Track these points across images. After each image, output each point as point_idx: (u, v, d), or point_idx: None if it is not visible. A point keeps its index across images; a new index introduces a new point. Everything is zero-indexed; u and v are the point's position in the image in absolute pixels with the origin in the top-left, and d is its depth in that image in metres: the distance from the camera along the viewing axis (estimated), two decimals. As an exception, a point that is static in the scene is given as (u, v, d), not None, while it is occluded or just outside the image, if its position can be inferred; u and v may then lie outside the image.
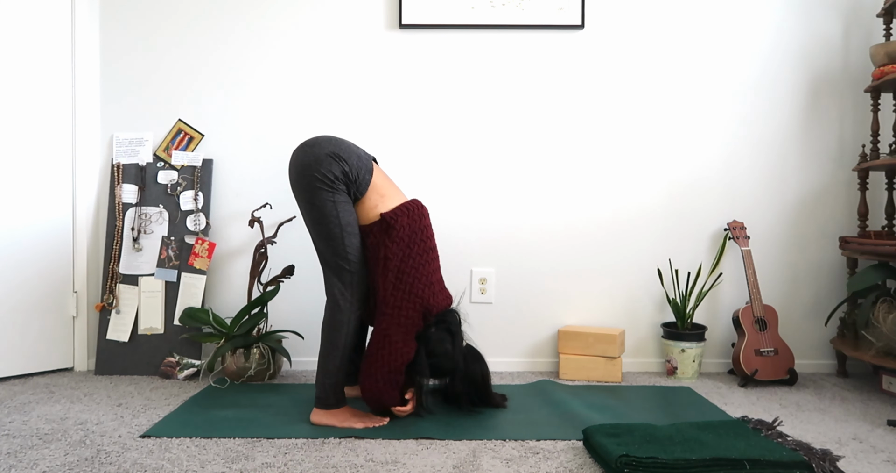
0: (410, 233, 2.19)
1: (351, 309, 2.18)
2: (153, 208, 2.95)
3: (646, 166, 3.00)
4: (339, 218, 2.15)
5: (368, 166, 2.22)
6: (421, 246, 2.22)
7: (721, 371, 2.97)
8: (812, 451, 1.78)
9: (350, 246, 2.17)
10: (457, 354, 2.23)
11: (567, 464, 1.85)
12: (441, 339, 2.21)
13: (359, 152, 2.23)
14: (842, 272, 2.98)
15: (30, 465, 1.83)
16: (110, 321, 2.89)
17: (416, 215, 2.22)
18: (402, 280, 2.17)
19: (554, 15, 2.94)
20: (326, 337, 2.19)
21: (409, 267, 2.18)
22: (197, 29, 2.99)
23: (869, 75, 2.96)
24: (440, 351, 2.21)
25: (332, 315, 2.19)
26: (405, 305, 2.16)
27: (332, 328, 2.18)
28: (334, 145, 2.19)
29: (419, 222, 2.23)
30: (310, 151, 2.18)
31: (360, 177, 2.18)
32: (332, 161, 2.14)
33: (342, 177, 2.15)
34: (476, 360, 2.32)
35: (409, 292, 2.17)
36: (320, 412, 2.18)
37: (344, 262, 2.17)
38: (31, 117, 2.81)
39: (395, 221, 2.17)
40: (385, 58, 2.99)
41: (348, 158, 2.17)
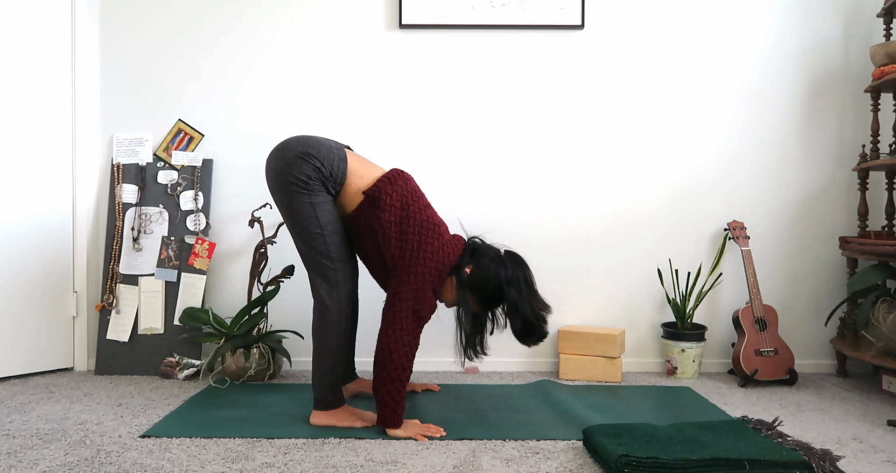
0: (400, 198, 2.16)
1: (339, 308, 2.17)
2: (153, 208, 2.95)
3: (646, 166, 3.00)
4: (317, 219, 2.14)
5: (341, 156, 2.19)
6: (416, 206, 2.18)
7: (721, 371, 2.97)
8: (812, 451, 1.78)
9: (332, 245, 2.16)
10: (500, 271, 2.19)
11: (567, 464, 1.85)
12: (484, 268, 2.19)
13: (329, 144, 2.20)
14: (842, 272, 2.98)
15: (30, 465, 1.83)
16: (110, 321, 2.89)
17: (399, 181, 2.18)
18: (408, 240, 2.13)
19: (554, 15, 2.94)
20: (318, 338, 2.18)
21: (410, 227, 2.14)
22: (197, 29, 2.99)
23: (869, 75, 2.96)
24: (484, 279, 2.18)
25: (321, 316, 2.17)
26: (416, 262, 2.11)
27: (322, 329, 2.17)
28: (302, 144, 2.16)
29: (405, 186, 2.19)
30: (280, 156, 2.17)
31: (334, 169, 2.16)
32: (303, 161, 2.12)
33: (315, 174, 2.13)
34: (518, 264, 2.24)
35: (418, 250, 2.13)
36: (319, 413, 2.18)
37: (327, 260, 2.16)
38: (32, 117, 2.81)
39: (379, 191, 2.14)
40: (385, 58, 2.99)
41: (318, 153, 2.14)
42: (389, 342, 2.06)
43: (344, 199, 2.21)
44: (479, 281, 2.19)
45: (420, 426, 2.12)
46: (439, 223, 2.22)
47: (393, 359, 2.05)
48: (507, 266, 2.20)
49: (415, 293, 2.10)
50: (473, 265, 2.20)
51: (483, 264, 2.20)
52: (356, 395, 2.48)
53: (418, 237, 2.13)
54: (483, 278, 2.19)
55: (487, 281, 2.18)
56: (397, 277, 2.12)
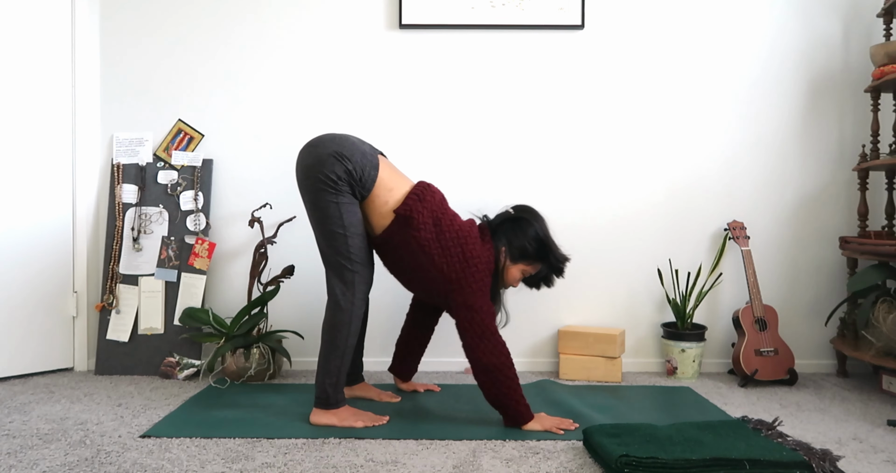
0: (431, 214, 2.18)
1: (352, 309, 2.17)
2: (153, 208, 2.95)
3: (646, 166, 3.00)
4: (342, 219, 2.14)
5: (374, 162, 2.19)
6: (446, 218, 2.20)
7: (721, 371, 2.97)
8: (812, 451, 1.78)
9: (353, 247, 2.16)
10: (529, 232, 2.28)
11: (567, 464, 1.85)
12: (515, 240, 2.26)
13: (363, 149, 2.20)
14: (842, 272, 2.98)
15: (30, 465, 1.83)
16: (110, 321, 2.89)
17: (427, 197, 2.20)
18: (451, 253, 2.15)
19: (554, 15, 2.94)
20: (327, 337, 2.18)
21: (448, 241, 2.16)
22: (197, 29, 2.99)
23: (869, 75, 2.96)
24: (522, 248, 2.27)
25: (334, 315, 2.18)
26: (470, 272, 2.14)
27: (333, 328, 2.17)
28: (338, 144, 2.16)
29: (433, 200, 2.21)
30: (313, 152, 2.17)
31: (364, 174, 2.16)
32: (335, 161, 2.13)
33: (345, 176, 2.13)
34: (532, 214, 2.34)
35: (465, 260, 2.15)
36: (320, 412, 2.17)
37: (346, 262, 2.16)
38: (32, 117, 2.81)
39: (411, 210, 2.16)
40: (385, 58, 2.99)
41: (351, 156, 2.15)
42: (489, 351, 2.09)
43: (370, 210, 2.22)
44: (524, 250, 2.27)
45: (554, 419, 2.15)
46: (469, 226, 2.25)
47: (501, 362, 2.09)
48: (530, 224, 2.29)
49: (483, 299, 2.15)
50: (505, 243, 2.27)
51: (511, 236, 2.27)
52: (357, 398, 2.48)
53: (460, 248, 2.16)
54: (522, 246, 2.27)
55: (528, 245, 2.27)
56: (459, 289, 2.15)
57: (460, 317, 2.14)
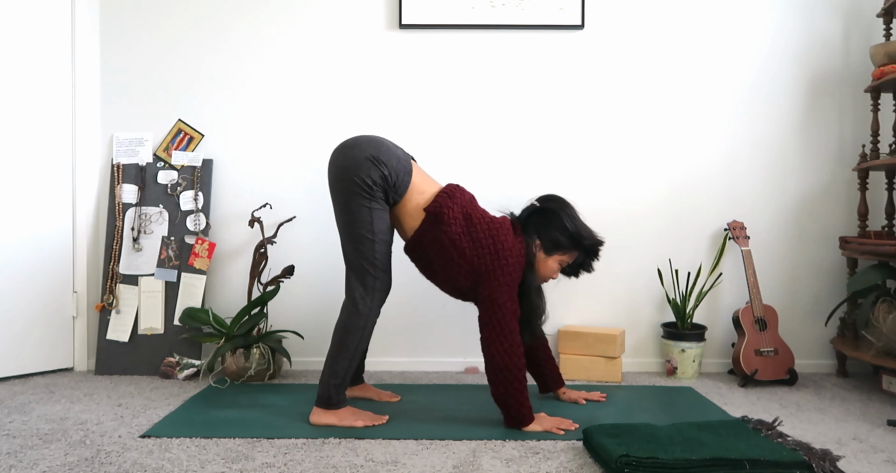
0: (461, 209, 2.18)
1: (369, 314, 2.17)
2: (153, 208, 2.95)
3: (646, 166, 3.00)
4: (372, 224, 2.14)
5: (407, 168, 2.20)
6: (476, 212, 2.21)
7: (721, 371, 2.97)
8: (812, 451, 1.78)
9: (378, 253, 2.16)
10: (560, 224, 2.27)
11: (567, 464, 1.85)
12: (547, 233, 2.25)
13: (398, 154, 2.21)
14: (842, 272, 2.98)
15: (30, 465, 1.83)
16: (110, 321, 2.89)
17: (456, 194, 2.21)
18: (482, 246, 2.15)
19: (554, 15, 2.94)
20: (339, 338, 2.18)
21: (479, 233, 2.16)
22: (197, 29, 2.99)
23: (869, 75, 2.96)
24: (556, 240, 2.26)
25: (349, 317, 2.17)
26: (500, 264, 2.14)
27: (346, 330, 2.17)
28: (374, 148, 2.16)
29: (462, 198, 2.22)
30: (349, 154, 2.16)
31: (399, 180, 2.16)
32: (372, 165, 2.12)
33: (380, 182, 2.13)
34: (560, 204, 2.33)
35: (496, 251, 2.15)
36: (321, 411, 2.17)
37: (370, 267, 2.16)
38: (32, 117, 2.81)
39: (440, 207, 2.16)
40: (385, 58, 2.99)
41: (388, 161, 2.15)
42: (503, 348, 2.09)
43: (402, 215, 2.22)
44: (556, 240, 2.26)
45: (554, 419, 2.15)
46: (502, 221, 2.24)
47: (513, 363, 2.09)
48: (559, 216, 2.27)
49: (509, 295, 2.14)
50: (537, 236, 2.26)
51: (542, 231, 2.26)
52: (357, 398, 2.47)
53: (491, 240, 2.16)
54: (555, 239, 2.26)
55: (559, 236, 2.26)
56: (486, 282, 2.14)
57: (483, 311, 2.14)
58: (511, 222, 2.28)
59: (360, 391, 2.49)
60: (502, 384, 2.09)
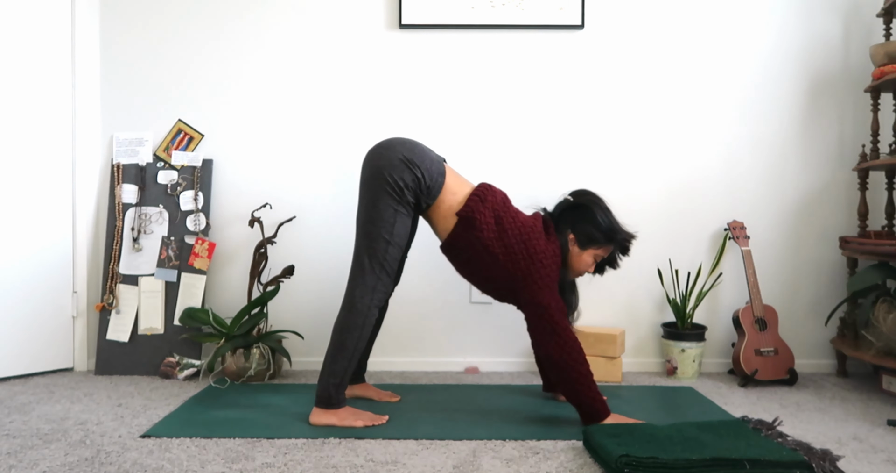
0: (492, 213, 2.18)
1: (367, 314, 2.17)
2: (153, 208, 2.95)
3: (646, 166, 3.00)
4: (393, 226, 2.15)
5: (441, 169, 2.21)
6: (508, 215, 2.19)
7: (721, 371, 2.97)
8: (812, 451, 1.78)
9: (390, 256, 2.17)
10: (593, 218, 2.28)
11: (567, 464, 1.85)
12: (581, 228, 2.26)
13: (431, 156, 2.22)
14: (842, 272, 2.98)
15: (30, 465, 1.83)
16: (110, 321, 2.89)
17: (488, 197, 2.20)
18: (515, 251, 2.15)
19: (554, 15, 2.94)
20: (337, 338, 2.17)
21: (511, 238, 2.16)
22: (197, 29, 2.99)
23: (869, 75, 2.96)
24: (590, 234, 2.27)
25: (347, 317, 2.17)
26: (535, 268, 2.14)
27: (344, 330, 2.17)
28: (408, 150, 2.18)
29: (494, 200, 2.21)
30: (384, 154, 2.18)
31: (432, 181, 2.17)
32: (405, 167, 2.14)
33: (412, 184, 2.15)
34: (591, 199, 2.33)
35: (529, 256, 2.15)
36: (320, 411, 2.17)
37: (378, 268, 2.16)
38: (32, 118, 2.81)
39: (472, 211, 2.16)
40: (385, 58, 2.99)
41: (421, 163, 2.16)
42: (559, 347, 2.08)
43: (436, 216, 2.23)
44: (591, 235, 2.26)
45: (627, 419, 2.13)
46: (533, 222, 2.23)
47: (573, 358, 2.08)
48: (593, 209, 2.28)
49: (551, 295, 2.13)
50: (572, 230, 2.26)
51: (576, 225, 2.26)
52: (357, 398, 2.48)
53: (524, 245, 2.15)
54: (589, 233, 2.26)
55: (594, 230, 2.27)
56: (526, 288, 2.14)
57: (528, 314, 2.15)
58: (543, 218, 2.28)
59: (360, 390, 2.49)
60: (569, 382, 2.08)
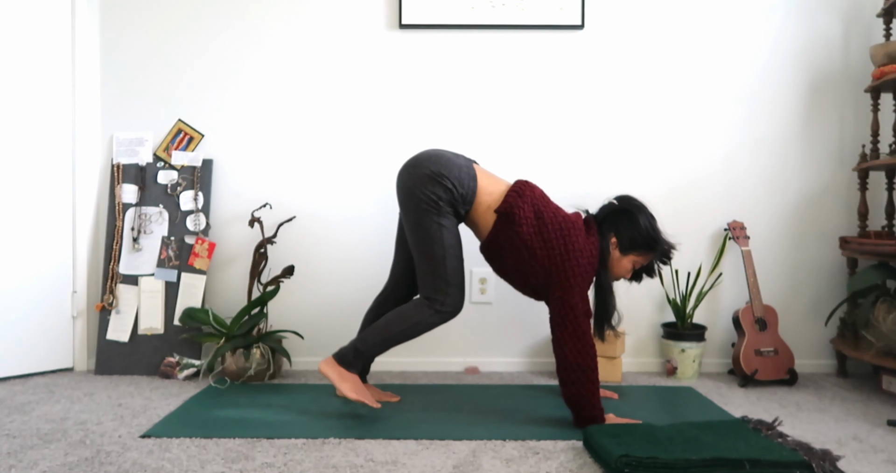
0: (532, 208, 2.19)
1: (429, 322, 2.19)
2: (153, 208, 2.95)
3: (646, 166, 3.00)
4: (443, 240, 2.17)
5: (472, 173, 2.22)
6: (548, 211, 2.20)
7: (721, 371, 2.97)
8: (812, 451, 1.78)
9: (450, 268, 2.18)
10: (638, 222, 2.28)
11: (567, 464, 1.85)
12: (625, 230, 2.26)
13: (459, 163, 2.22)
14: (842, 272, 2.98)
15: (30, 465, 1.83)
16: (110, 321, 2.89)
17: (526, 192, 2.21)
18: (553, 246, 2.15)
19: (554, 15, 2.94)
20: (393, 322, 2.20)
21: (550, 233, 2.16)
22: (197, 29, 2.99)
23: (869, 75, 2.96)
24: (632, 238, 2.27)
25: (413, 314, 2.19)
26: (570, 265, 2.14)
27: (403, 321, 2.19)
28: (434, 163, 2.19)
29: (533, 195, 2.22)
30: (413, 173, 2.20)
31: (465, 187, 2.19)
32: (435, 183, 2.16)
33: (445, 196, 2.16)
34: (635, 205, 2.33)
35: (567, 252, 2.15)
36: (333, 363, 2.21)
37: (442, 282, 2.18)
38: (32, 117, 2.81)
39: (511, 207, 2.17)
40: (385, 58, 2.99)
41: (450, 173, 2.17)
42: (576, 348, 2.09)
43: (476, 218, 2.25)
44: (634, 240, 2.28)
45: (623, 420, 2.15)
46: (575, 219, 2.24)
47: (586, 363, 2.09)
48: (638, 213, 2.29)
49: (581, 296, 2.14)
50: (615, 234, 2.27)
51: (620, 227, 2.27)
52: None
53: (562, 240, 2.16)
54: (631, 236, 2.28)
55: (635, 238, 2.28)
56: (558, 284, 2.15)
57: (554, 312, 2.14)
58: (585, 219, 2.28)
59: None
60: (575, 384, 2.09)
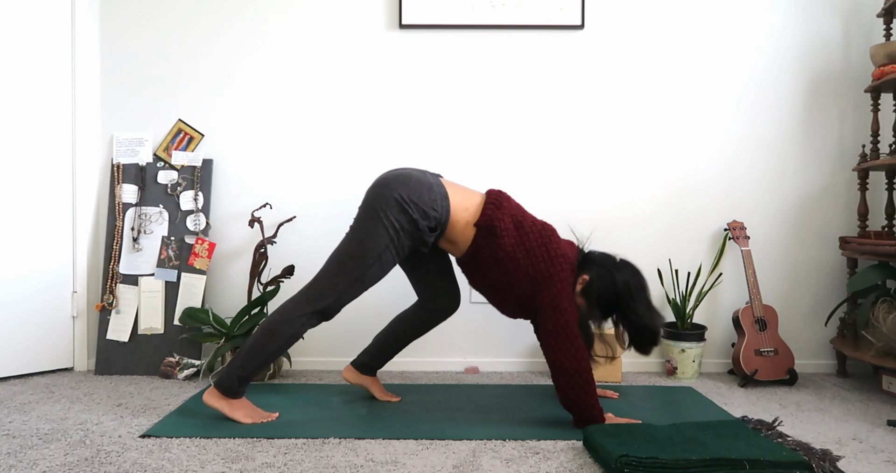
0: (511, 219, 2.17)
1: (301, 330, 2.15)
2: (153, 208, 2.95)
3: (646, 166, 3.00)
4: (369, 268, 2.13)
5: (443, 193, 2.18)
6: (526, 220, 2.19)
7: (721, 371, 2.97)
8: (812, 451, 1.78)
9: (350, 293, 2.15)
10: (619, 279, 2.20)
11: (567, 464, 1.85)
12: (600, 277, 2.19)
13: (428, 182, 2.18)
14: (842, 272, 2.98)
15: (30, 465, 1.83)
16: (110, 321, 2.89)
17: (503, 203, 2.20)
18: (536, 255, 2.14)
19: (554, 15, 2.94)
20: (264, 340, 2.15)
21: (532, 242, 2.15)
22: (197, 29, 2.99)
23: (869, 75, 2.96)
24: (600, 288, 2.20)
25: (282, 325, 2.14)
26: (555, 271, 2.13)
27: (274, 335, 2.14)
28: (403, 185, 2.14)
29: (509, 205, 2.20)
30: (380, 193, 2.15)
31: (440, 210, 2.15)
32: (402, 210, 2.11)
33: (409, 226, 2.12)
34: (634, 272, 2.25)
35: (550, 259, 2.13)
36: (217, 395, 2.18)
37: (332, 296, 2.14)
38: (32, 117, 2.81)
39: (492, 220, 2.15)
40: (385, 58, 2.99)
41: (419, 198, 2.13)
42: (571, 356, 2.08)
43: (454, 236, 2.21)
44: (598, 290, 2.20)
45: (623, 419, 2.15)
46: (551, 228, 2.23)
47: (581, 367, 2.08)
48: (624, 273, 2.22)
49: (569, 300, 2.13)
50: (590, 274, 2.21)
51: (600, 272, 2.20)
52: (360, 387, 2.49)
53: (544, 248, 2.15)
54: (601, 286, 2.19)
55: (604, 289, 2.19)
56: (547, 290, 2.13)
57: (546, 318, 2.12)
58: (579, 250, 2.26)
59: (369, 382, 2.48)
60: (573, 389, 2.08)
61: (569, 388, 2.09)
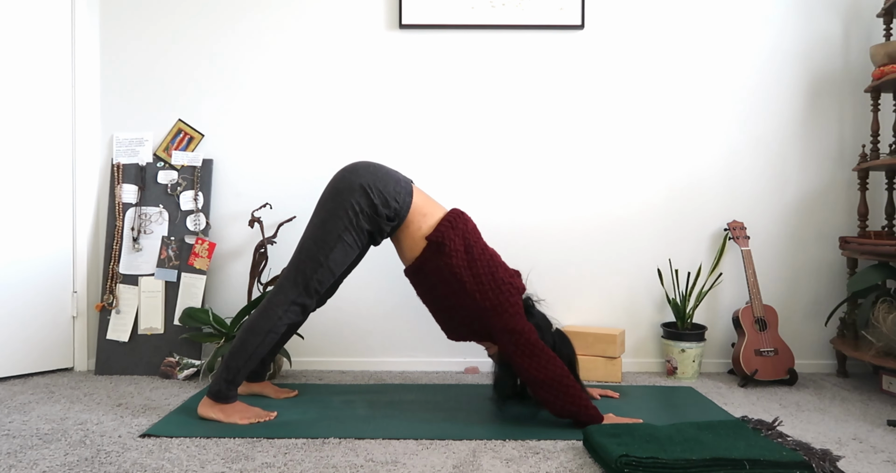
0: (462, 241, 2.18)
1: (277, 324, 2.17)
2: (153, 208, 2.95)
3: (646, 166, 3.00)
4: (332, 251, 2.16)
5: (408, 189, 2.22)
6: (478, 246, 2.20)
7: (721, 371, 2.97)
8: (812, 451, 1.78)
9: (320, 279, 2.17)
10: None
11: (567, 464, 1.85)
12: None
13: (397, 176, 2.22)
14: (842, 272, 2.98)
15: (30, 465, 1.83)
16: (110, 321, 2.89)
17: (459, 223, 2.20)
18: (483, 282, 2.15)
19: (554, 15, 2.94)
20: (244, 338, 2.18)
21: (480, 268, 2.16)
22: (197, 29, 2.99)
23: (869, 75, 2.96)
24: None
25: (259, 320, 2.17)
26: (504, 298, 2.14)
27: (253, 332, 2.17)
28: (371, 173, 2.18)
29: (465, 228, 2.21)
30: (347, 178, 2.19)
31: (401, 203, 2.18)
32: (364, 194, 2.14)
33: (369, 210, 2.15)
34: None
35: (497, 285, 2.15)
36: (210, 403, 2.19)
37: (304, 287, 2.17)
38: (32, 117, 2.81)
39: (442, 237, 2.16)
40: (385, 58, 2.99)
41: (384, 187, 2.16)
42: (542, 367, 2.08)
43: (403, 237, 2.23)
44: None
45: (622, 419, 2.14)
46: (497, 256, 2.25)
47: (556, 373, 2.08)
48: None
49: (522, 320, 2.14)
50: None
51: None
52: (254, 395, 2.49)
53: (490, 276, 2.16)
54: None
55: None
56: (498, 317, 2.14)
57: (504, 342, 2.14)
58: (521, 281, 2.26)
59: (259, 388, 2.50)
60: (558, 398, 2.09)
61: (554, 399, 2.09)
